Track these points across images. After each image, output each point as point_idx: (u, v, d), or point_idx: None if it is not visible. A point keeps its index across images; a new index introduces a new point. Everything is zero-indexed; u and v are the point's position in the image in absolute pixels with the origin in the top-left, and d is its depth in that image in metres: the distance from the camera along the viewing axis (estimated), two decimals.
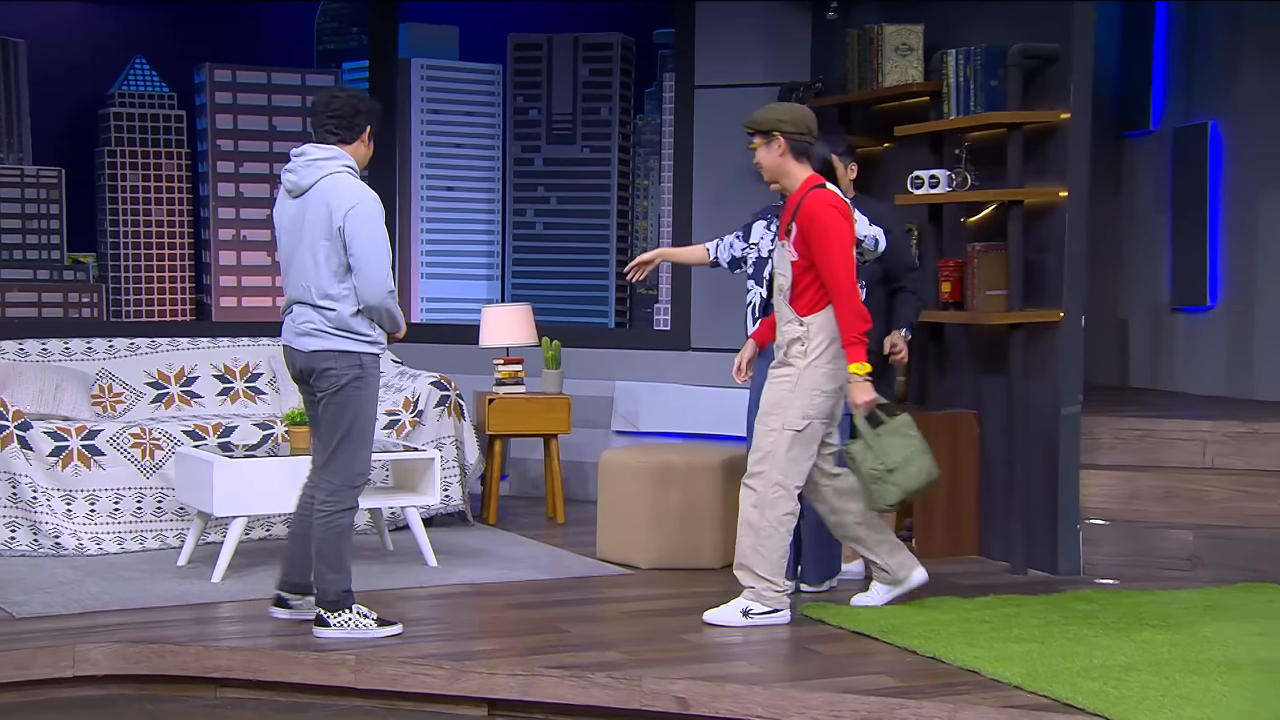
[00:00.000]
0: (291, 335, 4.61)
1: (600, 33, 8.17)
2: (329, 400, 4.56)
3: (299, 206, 4.53)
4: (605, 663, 4.33)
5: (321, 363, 4.53)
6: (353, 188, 4.49)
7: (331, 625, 4.58)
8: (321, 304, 4.50)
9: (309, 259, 4.50)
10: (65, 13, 7.46)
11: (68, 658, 4.39)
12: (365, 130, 4.58)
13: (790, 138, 4.75)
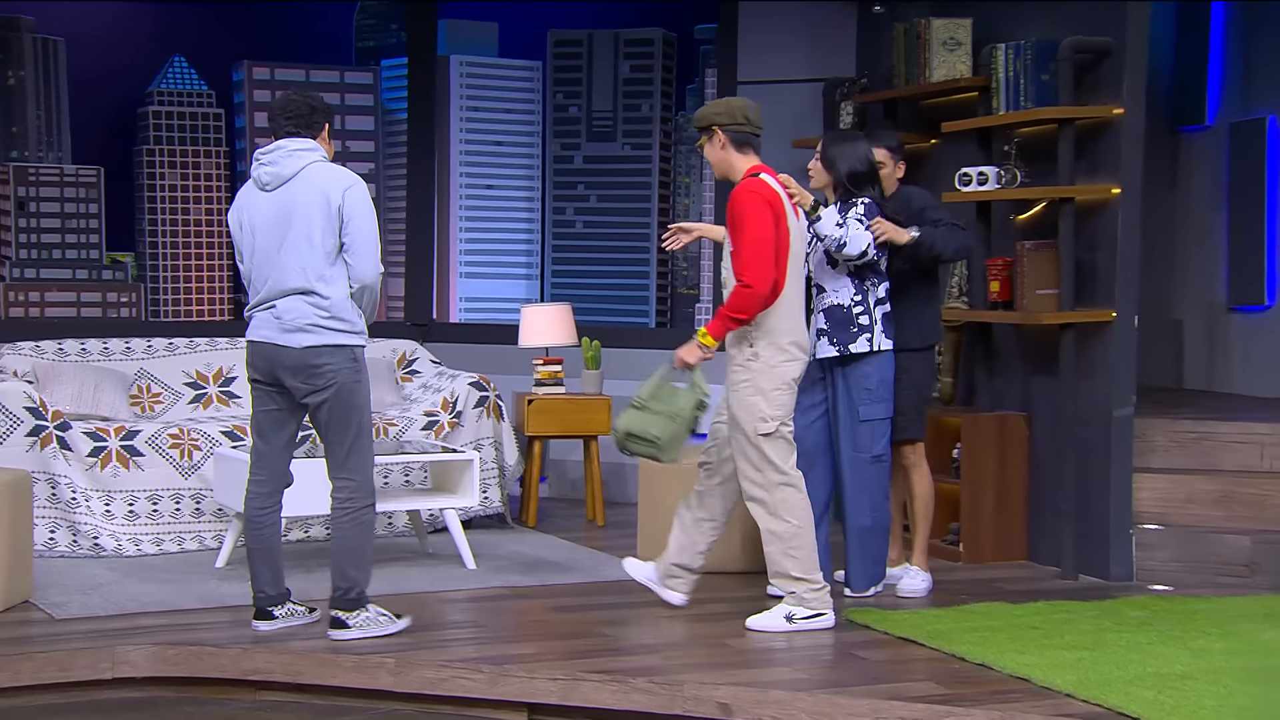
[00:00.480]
0: (275, 332, 4.52)
1: (641, 28, 8.17)
2: (331, 400, 4.53)
3: (281, 198, 4.52)
4: (646, 668, 4.33)
5: (316, 359, 4.50)
6: (343, 171, 4.57)
7: (351, 626, 4.59)
8: (317, 289, 4.49)
9: (303, 244, 4.49)
10: (104, 12, 7.54)
11: (107, 659, 4.44)
12: (324, 128, 4.62)
13: (728, 130, 4.79)
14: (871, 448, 5.13)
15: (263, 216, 4.56)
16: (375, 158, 8.19)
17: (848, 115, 6.74)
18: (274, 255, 4.53)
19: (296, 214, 4.50)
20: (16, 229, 7.36)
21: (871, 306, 5.10)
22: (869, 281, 5.11)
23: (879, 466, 5.16)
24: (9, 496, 4.89)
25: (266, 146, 4.60)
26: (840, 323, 5.07)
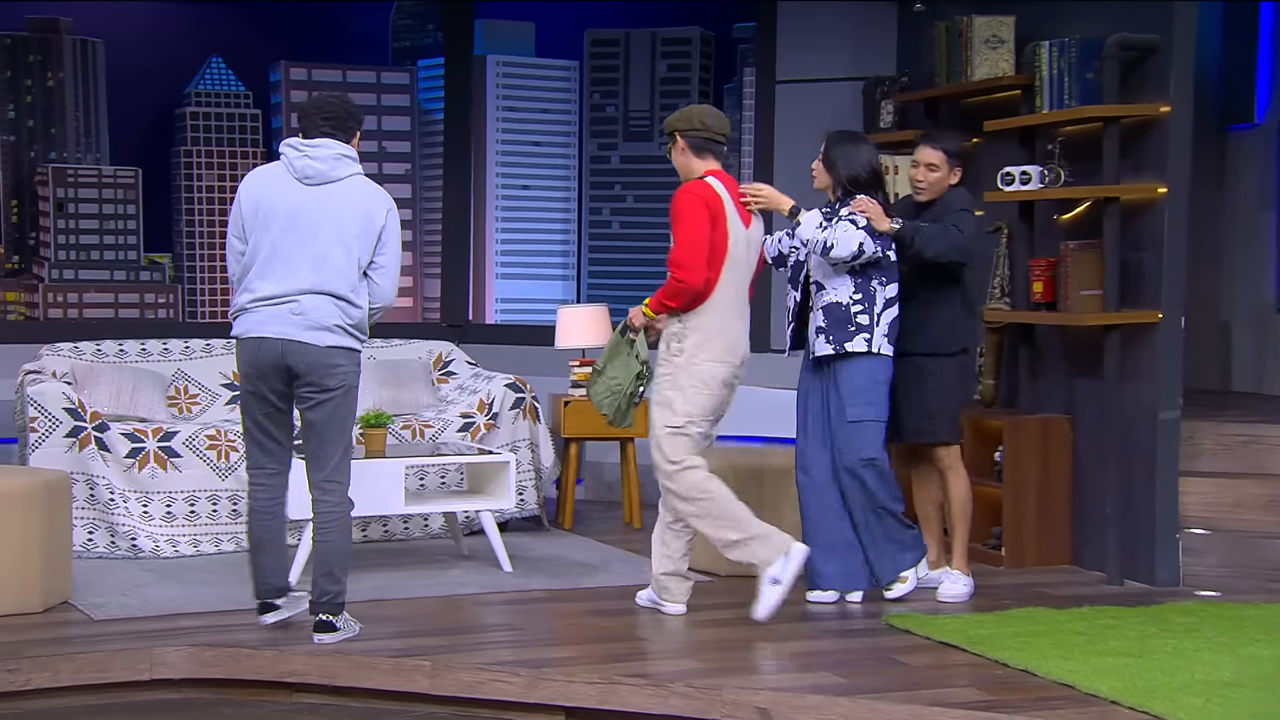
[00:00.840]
0: (297, 329, 4.49)
1: (679, 27, 8.17)
2: (336, 400, 4.55)
3: (319, 196, 4.51)
4: (685, 671, 4.33)
5: (332, 359, 4.51)
6: (383, 191, 4.63)
7: (339, 629, 4.61)
8: (349, 297, 4.52)
9: (338, 251, 4.50)
10: (142, 12, 7.60)
11: (145, 660, 4.48)
12: (356, 134, 4.64)
13: (686, 136, 4.94)
14: (861, 450, 5.08)
15: (290, 207, 4.51)
16: (411, 158, 8.23)
17: (888, 114, 6.72)
18: (297, 251, 4.49)
19: (336, 220, 4.50)
20: (55, 230, 7.44)
21: (875, 307, 5.05)
22: (875, 280, 5.06)
23: (872, 470, 5.10)
24: (48, 497, 4.94)
25: (308, 140, 4.56)
26: (838, 321, 5.05)
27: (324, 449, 4.59)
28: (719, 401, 4.93)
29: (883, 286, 5.08)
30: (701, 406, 4.89)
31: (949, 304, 5.25)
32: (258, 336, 4.52)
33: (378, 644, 4.62)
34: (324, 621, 4.60)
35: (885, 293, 5.08)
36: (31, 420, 5.79)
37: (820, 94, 7.10)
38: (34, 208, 7.41)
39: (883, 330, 5.07)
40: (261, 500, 4.68)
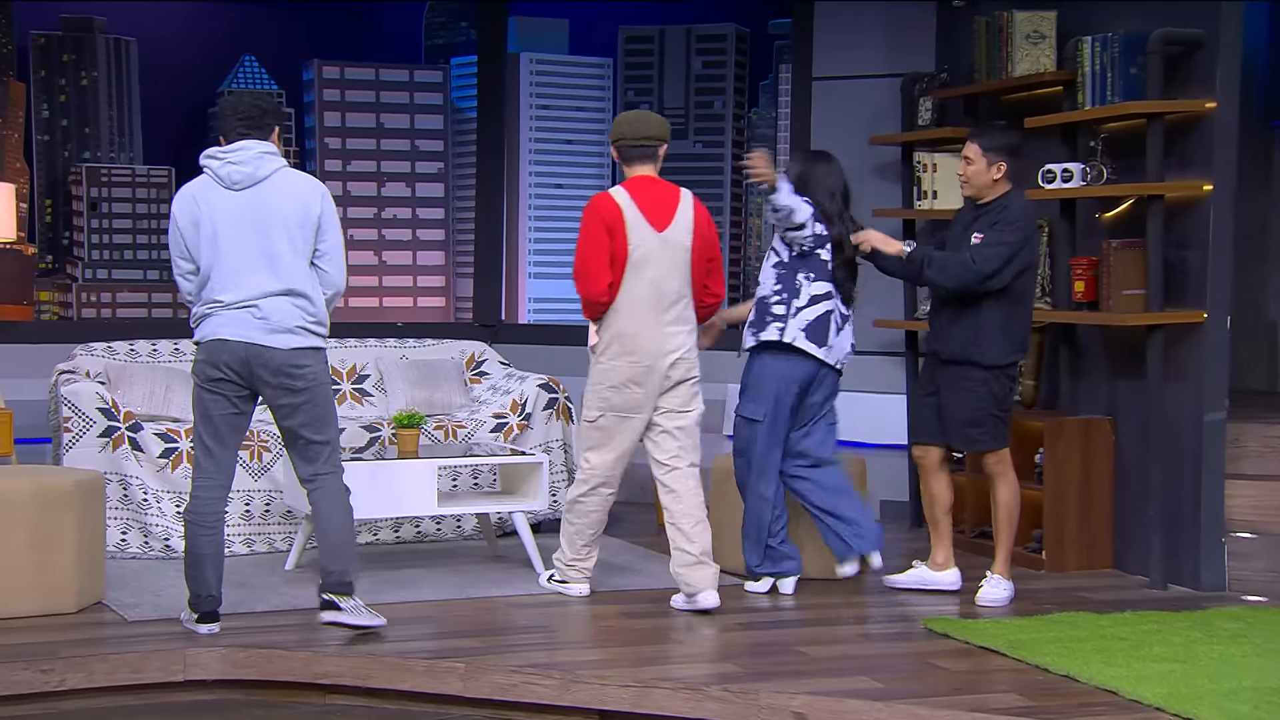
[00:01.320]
0: (259, 332, 4.56)
1: (714, 24, 8.17)
2: (309, 401, 4.64)
3: (252, 199, 4.58)
4: (720, 675, 4.33)
5: (298, 360, 4.60)
6: (312, 179, 4.71)
7: (344, 609, 4.68)
8: (306, 292, 4.61)
9: (284, 247, 4.58)
10: (175, 11, 7.66)
11: (178, 661, 4.51)
12: (274, 130, 4.70)
13: (618, 145, 5.20)
14: (736, 442, 5.40)
15: (229, 215, 4.59)
16: (444, 157, 8.25)
17: (926, 111, 6.69)
18: (247, 255, 4.57)
19: (274, 217, 4.59)
20: (89, 230, 7.50)
21: (797, 300, 5.23)
22: (801, 275, 5.24)
23: (740, 460, 5.39)
24: (83, 498, 4.98)
25: (226, 146, 4.63)
26: (759, 314, 5.30)
27: (311, 448, 4.69)
28: (629, 398, 5.16)
29: (809, 282, 5.25)
30: (609, 402, 5.18)
31: (999, 311, 5.19)
32: (221, 339, 4.60)
33: (411, 645, 4.63)
34: (330, 601, 4.69)
35: (811, 289, 5.24)
36: (65, 420, 5.83)
37: (857, 91, 7.07)
38: (68, 207, 7.48)
39: (799, 324, 5.22)
40: (209, 513, 4.70)
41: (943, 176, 6.62)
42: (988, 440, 5.28)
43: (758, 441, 5.35)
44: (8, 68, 7.17)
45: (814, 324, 5.23)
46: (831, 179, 5.37)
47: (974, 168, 5.26)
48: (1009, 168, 5.28)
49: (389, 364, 6.82)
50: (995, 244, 5.16)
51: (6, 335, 6.78)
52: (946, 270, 5.17)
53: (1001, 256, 5.14)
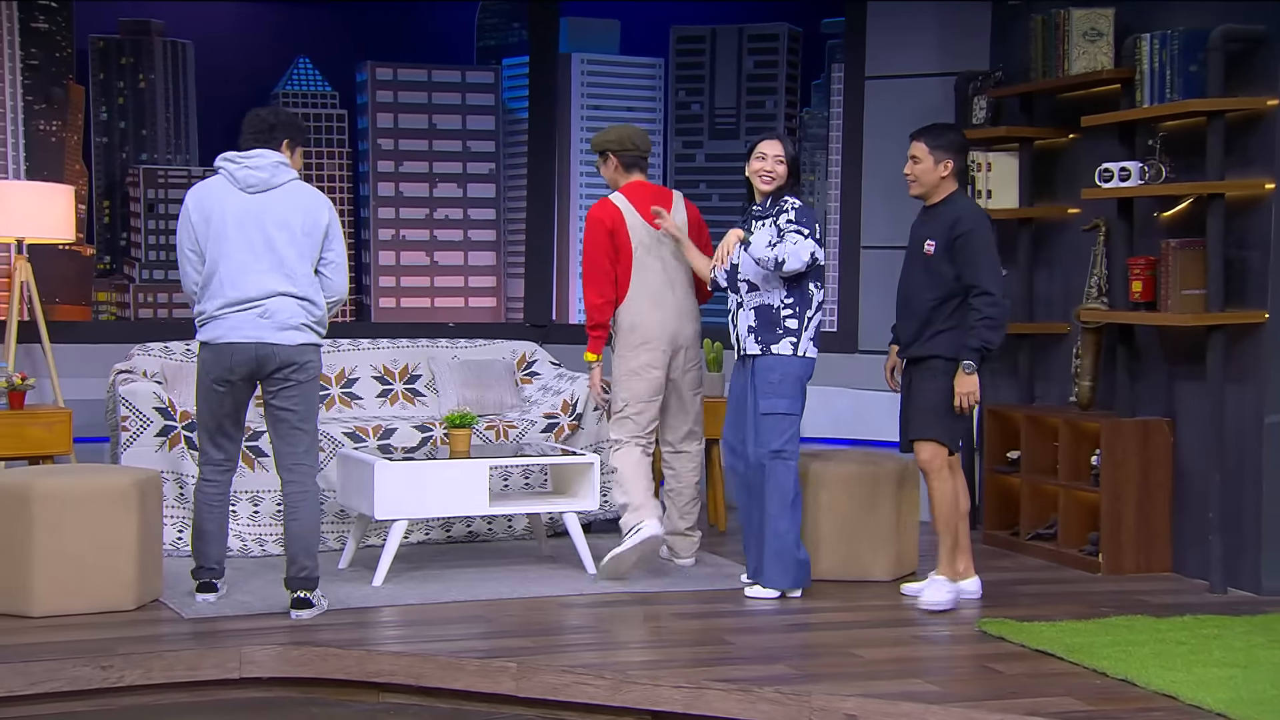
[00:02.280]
0: (267, 330, 4.86)
1: (766, 23, 8.15)
2: (304, 391, 4.93)
3: (262, 203, 4.89)
4: (772, 677, 4.32)
5: (303, 356, 4.91)
6: (319, 193, 5.03)
7: (315, 605, 4.96)
8: (309, 295, 4.91)
9: (291, 253, 4.88)
10: (231, 14, 7.73)
11: (234, 659, 4.56)
12: (283, 142, 4.99)
13: (620, 155, 5.72)
14: (770, 442, 5.23)
15: (238, 215, 4.88)
16: (496, 157, 8.28)
17: (980, 110, 6.65)
18: (255, 256, 4.86)
19: (283, 223, 4.89)
20: (145, 231, 7.59)
21: (807, 310, 5.27)
22: (812, 284, 5.27)
23: (778, 463, 5.23)
24: (141, 496, 5.05)
25: (244, 152, 4.95)
26: (767, 323, 5.27)
27: (293, 435, 4.96)
28: (651, 383, 5.64)
29: (819, 290, 5.30)
30: (636, 392, 5.64)
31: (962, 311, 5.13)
32: (230, 342, 4.88)
33: (463, 645, 4.66)
34: (301, 599, 4.93)
35: (819, 296, 5.31)
36: (123, 419, 5.91)
37: (910, 90, 7.04)
38: (125, 209, 7.56)
39: (810, 334, 5.30)
40: (211, 494, 5.06)
41: (997, 176, 6.58)
42: (925, 431, 5.15)
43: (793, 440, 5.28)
44: (67, 71, 7.27)
45: (818, 331, 5.34)
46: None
47: (921, 166, 5.19)
48: (955, 165, 5.20)
49: (441, 364, 6.86)
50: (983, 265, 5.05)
51: (65, 335, 6.87)
52: (995, 328, 5.06)
53: (992, 264, 5.07)
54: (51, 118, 7.24)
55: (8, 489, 4.94)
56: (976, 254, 5.08)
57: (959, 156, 5.23)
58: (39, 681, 4.34)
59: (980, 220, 5.18)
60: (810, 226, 5.22)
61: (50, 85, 7.19)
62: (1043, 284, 6.62)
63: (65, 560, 4.89)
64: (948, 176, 5.20)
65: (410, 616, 5.04)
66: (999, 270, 5.15)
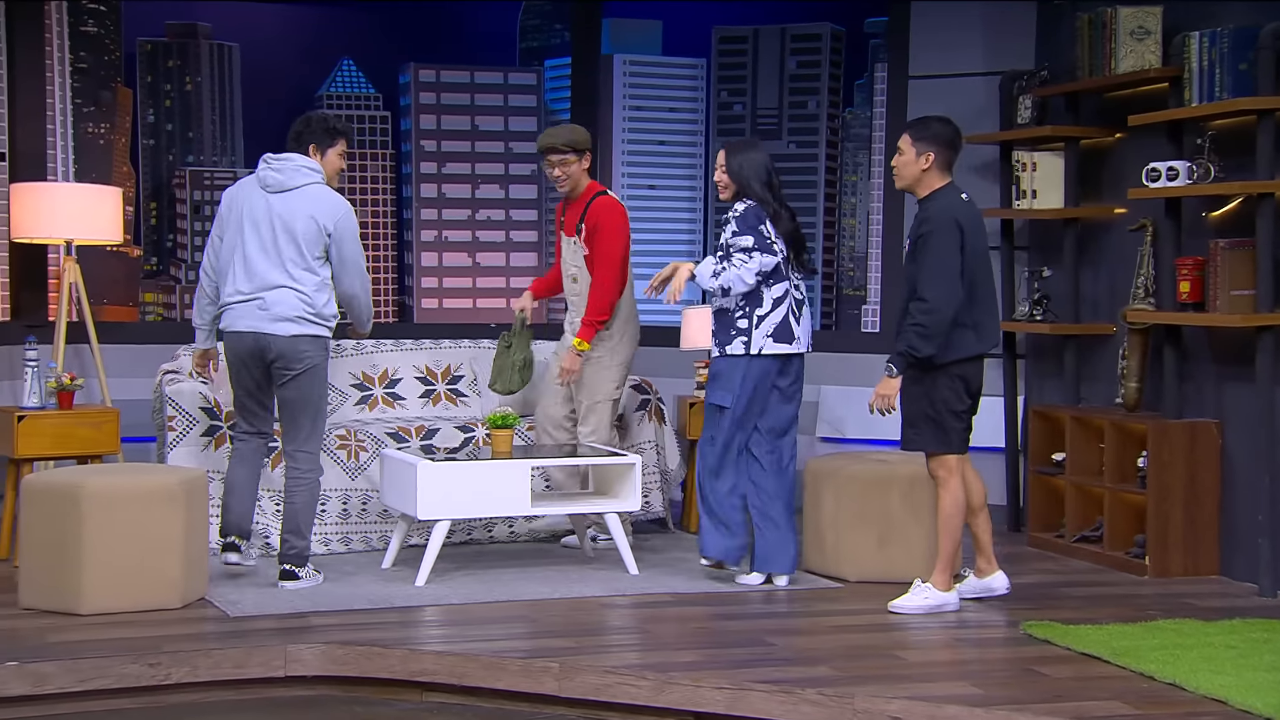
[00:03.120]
0: (264, 321, 5.21)
1: (809, 23, 8.14)
2: (303, 380, 5.25)
3: (278, 203, 5.24)
4: (815, 678, 4.31)
5: (298, 346, 5.23)
6: (335, 198, 5.30)
7: (301, 579, 5.34)
8: (307, 291, 5.22)
9: (291, 249, 5.21)
10: (275, 15, 7.80)
11: (279, 657, 4.59)
12: (309, 146, 5.31)
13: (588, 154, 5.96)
14: (709, 429, 5.49)
15: (252, 211, 5.27)
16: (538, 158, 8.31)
17: (1025, 109, 6.61)
18: (261, 252, 5.23)
19: (291, 224, 5.22)
20: (191, 232, 7.66)
21: (760, 309, 5.38)
22: (762, 285, 5.37)
23: (710, 447, 5.47)
24: (187, 496, 5.09)
25: (280, 155, 5.31)
26: (723, 325, 5.45)
27: (295, 422, 5.31)
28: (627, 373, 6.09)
29: (769, 288, 5.39)
30: (621, 378, 6.02)
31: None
32: (235, 331, 5.29)
33: (506, 645, 4.67)
34: (288, 571, 5.31)
35: (772, 293, 5.40)
36: (169, 419, 5.96)
37: (954, 89, 7.00)
38: (172, 210, 7.65)
39: (764, 331, 5.39)
40: (240, 448, 5.44)
41: (1042, 175, 6.54)
42: (924, 443, 5.11)
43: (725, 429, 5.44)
44: (115, 74, 7.35)
45: (779, 326, 5.40)
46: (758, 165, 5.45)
47: (903, 159, 5.12)
48: (938, 158, 5.07)
49: (483, 364, 6.88)
50: (929, 270, 4.96)
51: (113, 336, 6.95)
52: (925, 337, 4.95)
53: (940, 271, 4.94)
54: (100, 120, 7.33)
55: (58, 488, 5.00)
56: (926, 257, 4.99)
57: (943, 149, 5.09)
58: (88, 679, 4.39)
59: (944, 223, 5.01)
60: (752, 232, 5.33)
61: (99, 88, 7.28)
62: (1088, 284, 6.57)
63: (113, 559, 4.94)
64: (930, 170, 5.08)
65: (453, 616, 5.07)
66: (948, 278, 4.95)
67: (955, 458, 5.11)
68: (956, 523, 5.11)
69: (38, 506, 4.99)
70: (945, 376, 5.06)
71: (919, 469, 5.68)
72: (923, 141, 5.08)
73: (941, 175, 5.12)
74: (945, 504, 5.12)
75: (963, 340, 5.06)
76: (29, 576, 5.02)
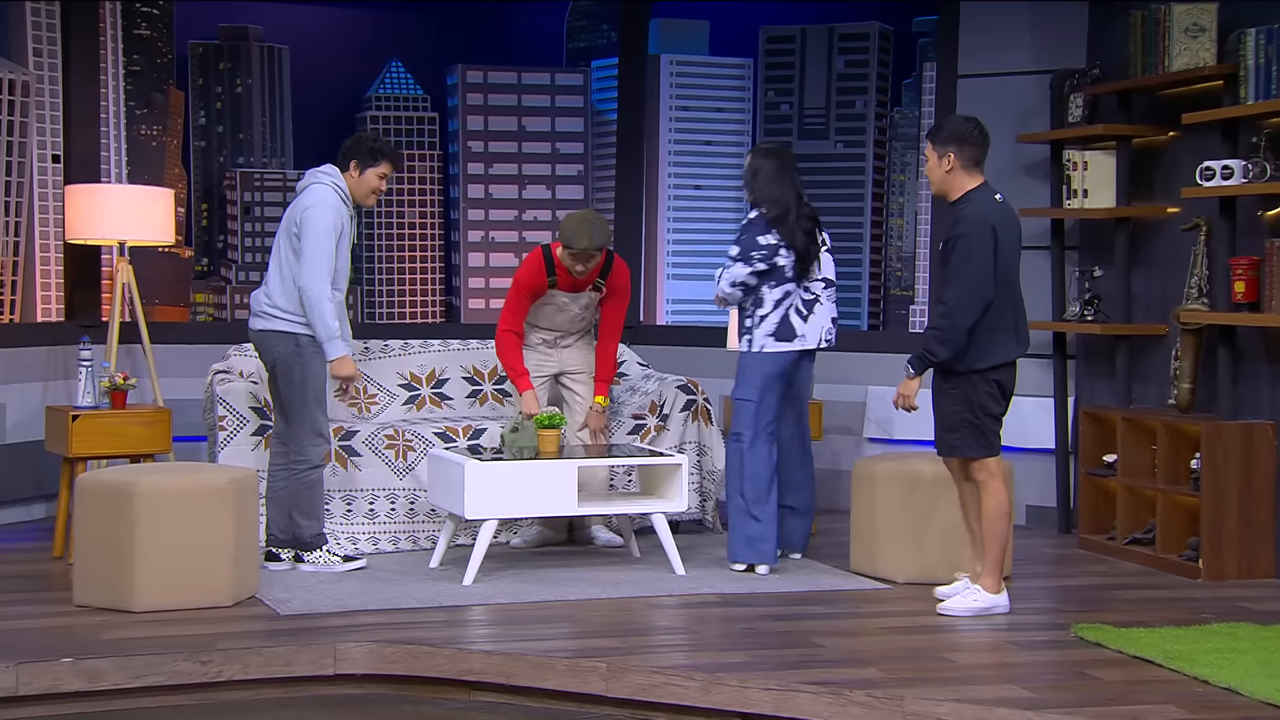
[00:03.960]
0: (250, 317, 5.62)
1: (857, 23, 8.11)
2: (276, 374, 5.52)
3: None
4: (864, 680, 4.29)
5: (264, 340, 5.52)
6: (315, 193, 5.48)
7: (307, 562, 5.58)
8: (272, 284, 5.50)
9: (277, 248, 5.53)
10: (325, 18, 7.85)
11: (329, 656, 4.62)
12: (350, 163, 5.53)
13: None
14: (734, 425, 5.71)
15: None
16: (584, 159, 8.33)
17: (1077, 108, 6.55)
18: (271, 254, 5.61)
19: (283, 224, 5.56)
20: (242, 233, 7.73)
21: (761, 309, 5.61)
22: (764, 286, 5.61)
23: (733, 444, 5.69)
24: (237, 494, 5.14)
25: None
26: (739, 324, 5.72)
27: (278, 413, 5.63)
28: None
29: (771, 289, 5.61)
30: None
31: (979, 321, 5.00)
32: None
33: (553, 645, 4.68)
34: (295, 554, 5.59)
35: (773, 295, 5.61)
36: (220, 419, 6.01)
37: (1004, 88, 6.95)
38: (222, 211, 7.72)
39: (765, 330, 5.62)
40: (274, 464, 5.64)
41: (1094, 175, 6.48)
42: (965, 448, 5.05)
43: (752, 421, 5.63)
44: (168, 76, 7.43)
45: (780, 325, 5.61)
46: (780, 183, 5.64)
47: (928, 165, 5.09)
48: (959, 156, 4.98)
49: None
50: (956, 275, 4.93)
51: (165, 336, 7.03)
52: (942, 342, 4.94)
53: (966, 276, 4.90)
54: (152, 123, 7.41)
55: (112, 487, 5.06)
56: (954, 261, 4.96)
57: (964, 146, 4.99)
58: (141, 675, 4.44)
59: (974, 227, 4.94)
60: (742, 244, 5.61)
61: (151, 91, 7.37)
62: (1140, 284, 6.50)
63: (165, 557, 5.00)
64: (954, 170, 5.01)
65: (500, 616, 5.08)
66: (971, 283, 4.91)
67: (995, 460, 5.08)
68: (1002, 525, 5.08)
69: (91, 505, 5.06)
70: (984, 381, 5.03)
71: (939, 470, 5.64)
72: (941, 143, 5.01)
73: (970, 175, 5.02)
74: (990, 506, 5.08)
75: (1005, 344, 5.03)
76: (83, 574, 5.08)
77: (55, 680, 4.35)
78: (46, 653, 4.45)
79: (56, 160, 6.90)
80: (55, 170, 6.92)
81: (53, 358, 6.86)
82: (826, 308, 5.77)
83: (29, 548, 6.20)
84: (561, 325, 6.19)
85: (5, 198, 6.78)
